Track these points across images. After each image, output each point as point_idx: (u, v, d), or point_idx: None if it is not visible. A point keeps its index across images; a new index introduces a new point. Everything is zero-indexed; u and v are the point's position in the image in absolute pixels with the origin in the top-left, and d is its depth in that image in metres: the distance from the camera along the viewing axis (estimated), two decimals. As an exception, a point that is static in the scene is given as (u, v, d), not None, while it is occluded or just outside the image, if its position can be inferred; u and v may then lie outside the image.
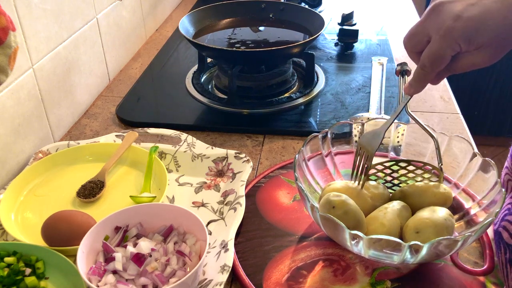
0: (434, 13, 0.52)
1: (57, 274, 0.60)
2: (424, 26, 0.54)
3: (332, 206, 0.60)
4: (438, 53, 0.53)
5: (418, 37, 0.55)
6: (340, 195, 0.61)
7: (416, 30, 0.56)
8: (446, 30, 0.51)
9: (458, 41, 0.51)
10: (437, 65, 0.54)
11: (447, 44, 0.52)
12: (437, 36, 0.52)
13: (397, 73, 0.66)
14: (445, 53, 0.53)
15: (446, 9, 0.51)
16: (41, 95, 0.85)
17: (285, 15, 1.10)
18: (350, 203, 0.61)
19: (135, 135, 0.83)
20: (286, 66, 1.02)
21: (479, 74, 2.33)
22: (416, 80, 0.58)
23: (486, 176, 0.63)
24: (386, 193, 0.67)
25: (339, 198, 0.61)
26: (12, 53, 0.58)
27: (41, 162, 0.78)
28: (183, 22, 1.03)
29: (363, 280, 0.60)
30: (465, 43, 0.51)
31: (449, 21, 0.51)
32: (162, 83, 1.09)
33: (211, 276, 0.59)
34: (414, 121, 0.65)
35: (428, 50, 0.54)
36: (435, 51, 0.53)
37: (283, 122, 0.92)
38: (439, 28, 0.52)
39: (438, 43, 0.52)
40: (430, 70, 0.55)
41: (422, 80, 0.57)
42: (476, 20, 0.49)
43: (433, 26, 0.53)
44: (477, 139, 0.89)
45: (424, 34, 0.54)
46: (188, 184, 0.77)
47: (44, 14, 0.84)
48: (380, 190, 0.67)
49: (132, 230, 0.62)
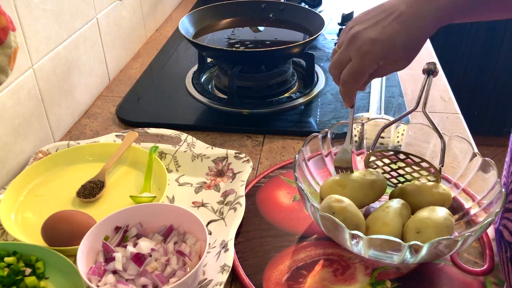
0: (353, 41, 0.60)
1: (57, 274, 0.60)
2: (346, 53, 0.61)
3: (332, 212, 0.60)
4: (358, 71, 0.60)
5: (342, 63, 0.62)
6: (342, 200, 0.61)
7: (339, 57, 0.62)
8: (365, 53, 0.58)
9: (377, 61, 0.59)
10: (358, 81, 0.61)
11: (367, 64, 0.59)
12: (358, 58, 0.59)
13: (424, 71, 0.65)
14: (364, 71, 0.60)
15: (363, 35, 0.59)
16: (41, 95, 0.85)
17: (285, 15, 1.10)
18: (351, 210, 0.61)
19: (135, 135, 0.83)
20: (286, 66, 1.02)
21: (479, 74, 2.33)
22: (342, 96, 0.64)
23: (486, 176, 0.63)
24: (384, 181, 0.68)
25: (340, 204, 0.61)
26: (12, 53, 0.58)
27: (41, 162, 0.78)
28: (183, 22, 1.03)
29: (363, 280, 0.60)
30: (383, 60, 0.59)
31: (367, 45, 0.58)
32: (162, 83, 1.09)
33: (211, 276, 0.59)
34: (428, 120, 0.65)
35: (349, 69, 0.61)
36: (355, 69, 0.60)
37: (283, 122, 0.92)
38: (358, 51, 0.59)
39: (358, 63, 0.59)
40: (352, 85, 0.62)
41: (348, 94, 0.64)
42: (388, 41, 0.58)
43: (353, 51, 0.60)
44: (477, 139, 0.89)
45: (347, 60, 0.61)
46: (188, 184, 0.77)
47: (44, 14, 0.84)
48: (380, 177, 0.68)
49: (132, 230, 0.62)
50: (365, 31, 0.59)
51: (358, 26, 0.60)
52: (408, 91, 1.05)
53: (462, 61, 2.32)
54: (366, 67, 0.59)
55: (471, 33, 2.24)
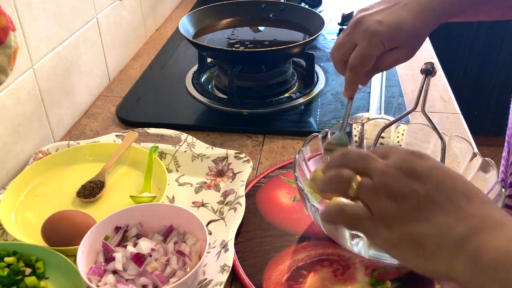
0: (359, 24, 0.61)
1: (57, 274, 0.60)
2: (350, 37, 0.62)
3: None
4: (366, 53, 0.60)
5: (345, 46, 0.63)
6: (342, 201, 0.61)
7: (343, 40, 0.63)
8: (372, 34, 0.59)
9: (383, 42, 0.59)
10: (365, 64, 0.61)
11: (374, 45, 0.60)
12: (364, 40, 0.60)
13: (422, 71, 0.65)
14: (372, 53, 0.60)
15: (368, 19, 0.60)
16: (41, 95, 0.85)
17: (285, 15, 1.10)
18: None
19: (135, 135, 0.83)
20: (286, 66, 1.02)
21: (479, 74, 2.34)
22: (348, 83, 0.64)
23: (486, 176, 0.63)
24: None
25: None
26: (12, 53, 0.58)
27: (41, 162, 0.78)
28: (183, 22, 1.03)
29: (363, 280, 0.60)
30: (388, 42, 0.60)
31: (374, 26, 0.59)
32: (162, 83, 1.09)
33: (211, 276, 0.59)
34: (427, 120, 0.65)
35: (357, 52, 0.61)
36: (364, 52, 0.60)
37: (283, 122, 0.92)
38: (365, 33, 0.60)
39: (365, 45, 0.60)
40: (360, 69, 0.62)
41: (354, 82, 0.64)
42: (394, 24, 0.59)
43: (359, 34, 0.60)
44: (477, 139, 0.89)
45: (351, 43, 0.62)
46: (188, 184, 0.77)
47: (44, 14, 0.84)
48: None
49: (132, 230, 0.62)
50: (370, 15, 0.60)
51: (363, 13, 0.61)
52: (408, 91, 1.05)
53: (462, 61, 2.32)
54: (373, 48, 0.60)
55: (471, 33, 2.24)
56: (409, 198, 0.38)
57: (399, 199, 0.39)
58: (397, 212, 0.38)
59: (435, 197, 0.38)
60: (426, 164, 0.40)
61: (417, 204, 0.38)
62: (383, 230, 0.39)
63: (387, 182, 0.39)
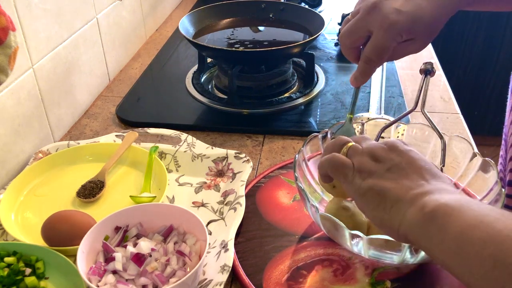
0: (375, 10, 0.56)
1: (57, 274, 0.60)
2: (364, 23, 0.57)
3: None
4: (384, 45, 0.57)
5: (358, 33, 0.59)
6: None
7: (355, 26, 0.58)
8: (390, 24, 0.55)
9: (401, 33, 0.56)
10: (382, 57, 0.58)
11: (391, 37, 0.56)
12: (381, 30, 0.56)
13: (421, 71, 0.65)
14: (389, 45, 0.57)
15: (386, 6, 0.56)
16: (41, 95, 0.85)
17: (285, 15, 1.10)
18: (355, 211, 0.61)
19: (135, 135, 0.83)
20: (286, 66, 1.02)
21: (479, 74, 2.33)
22: (361, 74, 0.62)
23: (486, 176, 0.63)
24: None
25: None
26: (12, 53, 0.58)
27: (41, 162, 0.78)
28: (183, 22, 1.03)
29: (363, 280, 0.60)
30: (407, 34, 0.56)
31: (392, 15, 0.55)
32: (162, 83, 1.09)
33: (211, 276, 0.59)
34: (427, 120, 0.65)
35: (373, 44, 0.57)
36: (381, 44, 0.57)
37: (283, 122, 0.92)
38: (382, 22, 0.56)
39: (382, 36, 0.56)
40: (377, 63, 0.59)
41: (368, 73, 0.61)
42: (412, 14, 0.55)
43: (375, 22, 0.56)
44: (477, 139, 0.89)
45: (365, 30, 0.58)
46: (188, 184, 0.77)
47: (44, 14, 0.84)
48: None
49: (132, 230, 0.62)
50: (388, 1, 0.56)
51: None
52: (408, 91, 1.05)
53: (462, 61, 2.32)
54: (391, 41, 0.56)
55: (471, 33, 2.24)
56: (386, 162, 0.48)
57: (377, 161, 0.48)
58: (373, 168, 0.47)
59: (406, 168, 0.47)
60: (407, 147, 0.49)
61: (391, 167, 0.47)
62: (358, 180, 0.48)
63: (372, 148, 0.49)
